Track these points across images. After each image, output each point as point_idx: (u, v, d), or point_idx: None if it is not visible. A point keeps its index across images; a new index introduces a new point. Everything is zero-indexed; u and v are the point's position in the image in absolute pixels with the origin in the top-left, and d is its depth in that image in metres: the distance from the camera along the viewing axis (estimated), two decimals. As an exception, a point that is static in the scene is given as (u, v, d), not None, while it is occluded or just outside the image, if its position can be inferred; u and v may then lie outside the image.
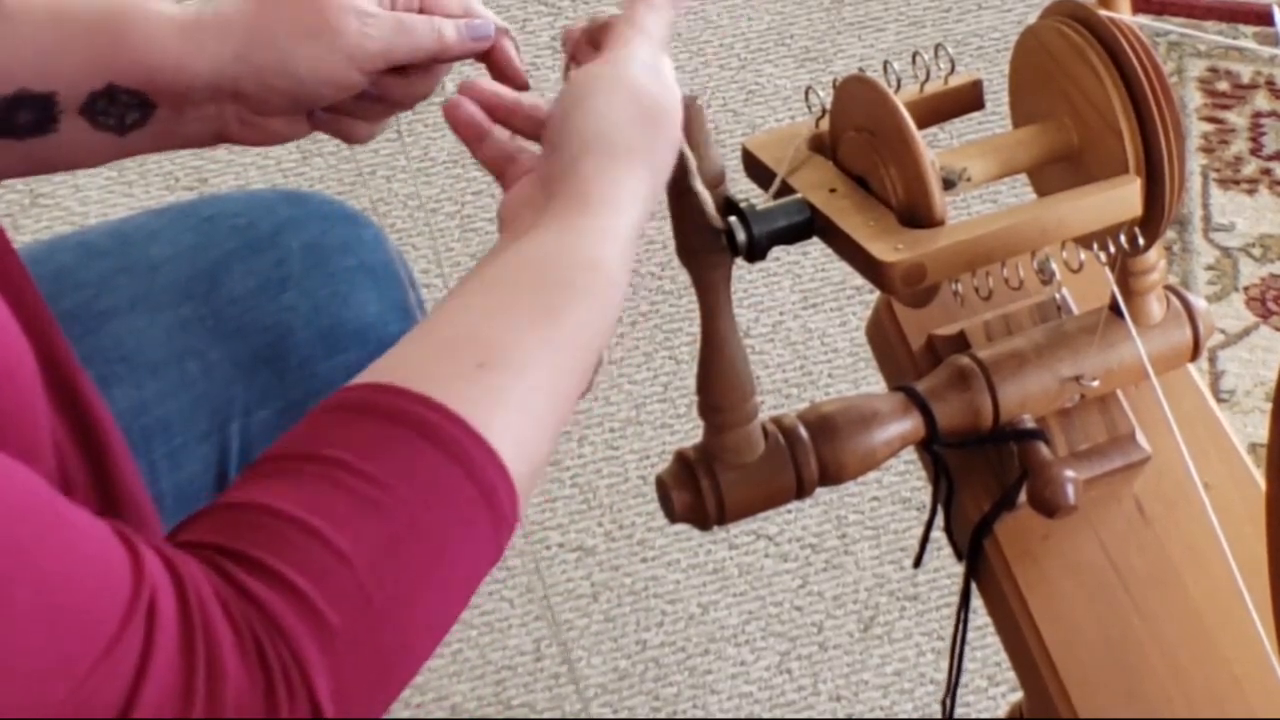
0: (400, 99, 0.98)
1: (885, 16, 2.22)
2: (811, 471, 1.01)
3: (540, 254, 0.83)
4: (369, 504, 0.71)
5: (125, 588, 0.67)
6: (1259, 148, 2.07)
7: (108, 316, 1.11)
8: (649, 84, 0.88)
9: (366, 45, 0.93)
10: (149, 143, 0.95)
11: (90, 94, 0.93)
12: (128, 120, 0.94)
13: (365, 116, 0.99)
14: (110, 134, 0.94)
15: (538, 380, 0.78)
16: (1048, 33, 0.99)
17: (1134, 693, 0.99)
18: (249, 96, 0.94)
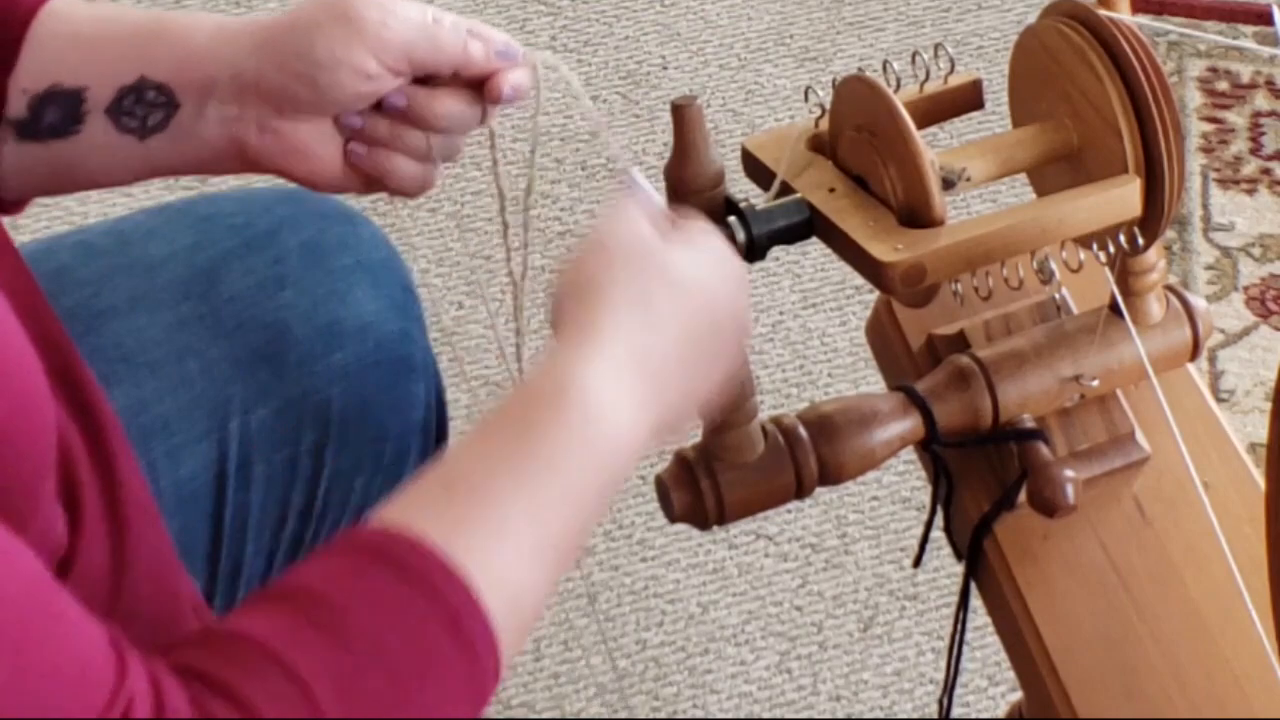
0: (434, 120, 0.94)
1: (885, 16, 2.22)
2: (811, 471, 1.01)
3: (522, 385, 0.84)
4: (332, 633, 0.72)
5: (103, 692, 0.68)
6: (1259, 147, 2.07)
7: (106, 315, 1.11)
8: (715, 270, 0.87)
9: (384, 35, 0.91)
10: (168, 149, 0.94)
11: (119, 89, 0.92)
12: (150, 122, 0.93)
13: (404, 149, 0.95)
14: (132, 137, 0.93)
15: (513, 508, 0.77)
16: (1047, 32, 0.99)
17: (1133, 692, 0.99)
18: (270, 88, 0.92)
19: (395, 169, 0.95)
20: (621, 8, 2.23)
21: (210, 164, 0.95)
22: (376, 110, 0.94)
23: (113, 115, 0.93)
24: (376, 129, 0.94)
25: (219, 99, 0.93)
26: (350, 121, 0.94)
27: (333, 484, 1.15)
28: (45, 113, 0.92)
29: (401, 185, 0.96)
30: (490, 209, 2.01)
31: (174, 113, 0.93)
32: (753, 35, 2.20)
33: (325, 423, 1.13)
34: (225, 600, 1.11)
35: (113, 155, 0.94)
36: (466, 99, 0.94)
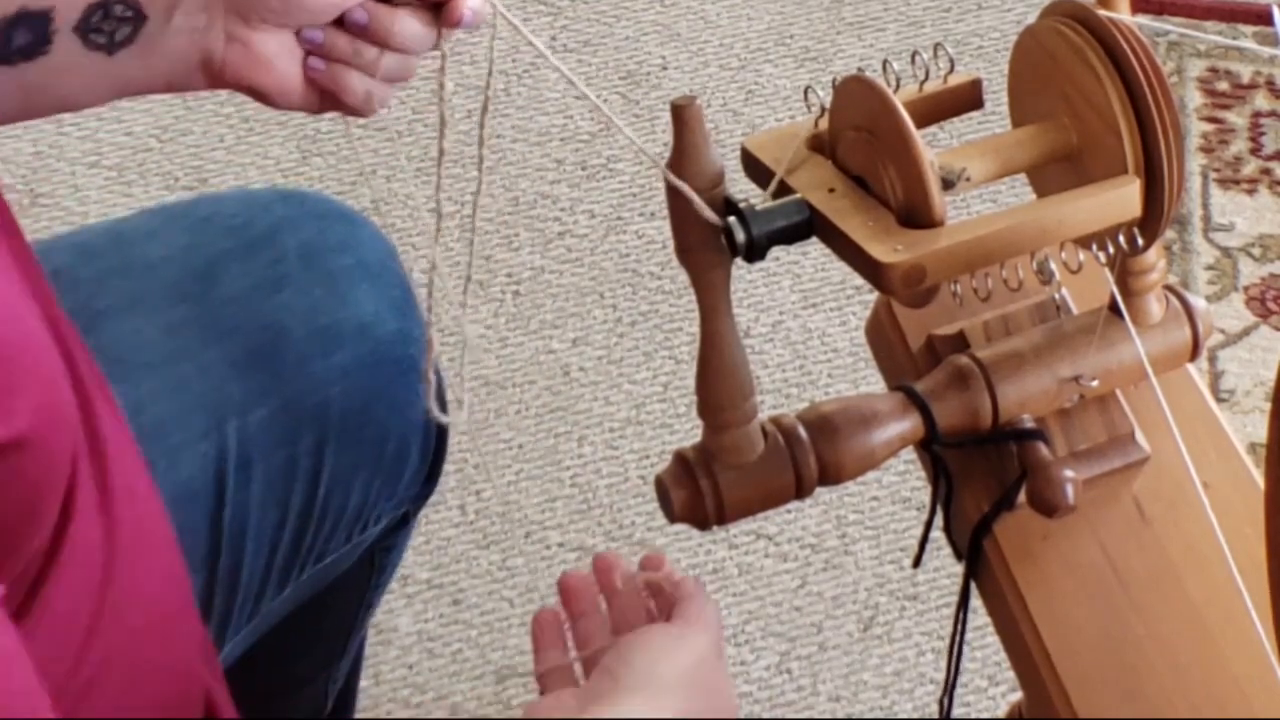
0: (392, 38, 0.96)
1: (885, 16, 2.22)
2: (811, 471, 1.01)
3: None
4: None
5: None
6: (1259, 148, 2.07)
7: (104, 317, 1.11)
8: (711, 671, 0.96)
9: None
10: (136, 64, 0.94)
11: (87, 6, 0.92)
12: (118, 37, 0.93)
13: (361, 66, 0.97)
14: (100, 54, 0.93)
15: None
16: (1047, 33, 0.99)
17: (1133, 692, 0.99)
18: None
19: (350, 85, 0.97)
20: (621, 8, 2.23)
21: (178, 78, 0.96)
22: (337, 26, 0.95)
23: (81, 33, 0.93)
24: (335, 44, 0.95)
25: (185, 9, 0.93)
26: (311, 36, 0.95)
27: (332, 484, 1.15)
28: (14, 35, 0.92)
29: (357, 101, 0.97)
30: (490, 209, 2.01)
31: (141, 25, 0.93)
32: (753, 35, 2.20)
33: (324, 423, 1.13)
34: (225, 601, 1.11)
35: (82, 74, 0.94)
36: (424, 20, 0.96)
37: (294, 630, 1.21)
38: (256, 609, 1.14)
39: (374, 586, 1.28)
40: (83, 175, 2.03)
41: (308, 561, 1.16)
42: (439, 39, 0.97)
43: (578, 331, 1.91)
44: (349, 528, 1.17)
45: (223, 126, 2.09)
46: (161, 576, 0.92)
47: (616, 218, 2.02)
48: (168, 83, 0.96)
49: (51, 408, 0.76)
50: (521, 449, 1.81)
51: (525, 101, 2.11)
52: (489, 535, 1.75)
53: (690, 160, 0.93)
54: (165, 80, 0.96)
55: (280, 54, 0.95)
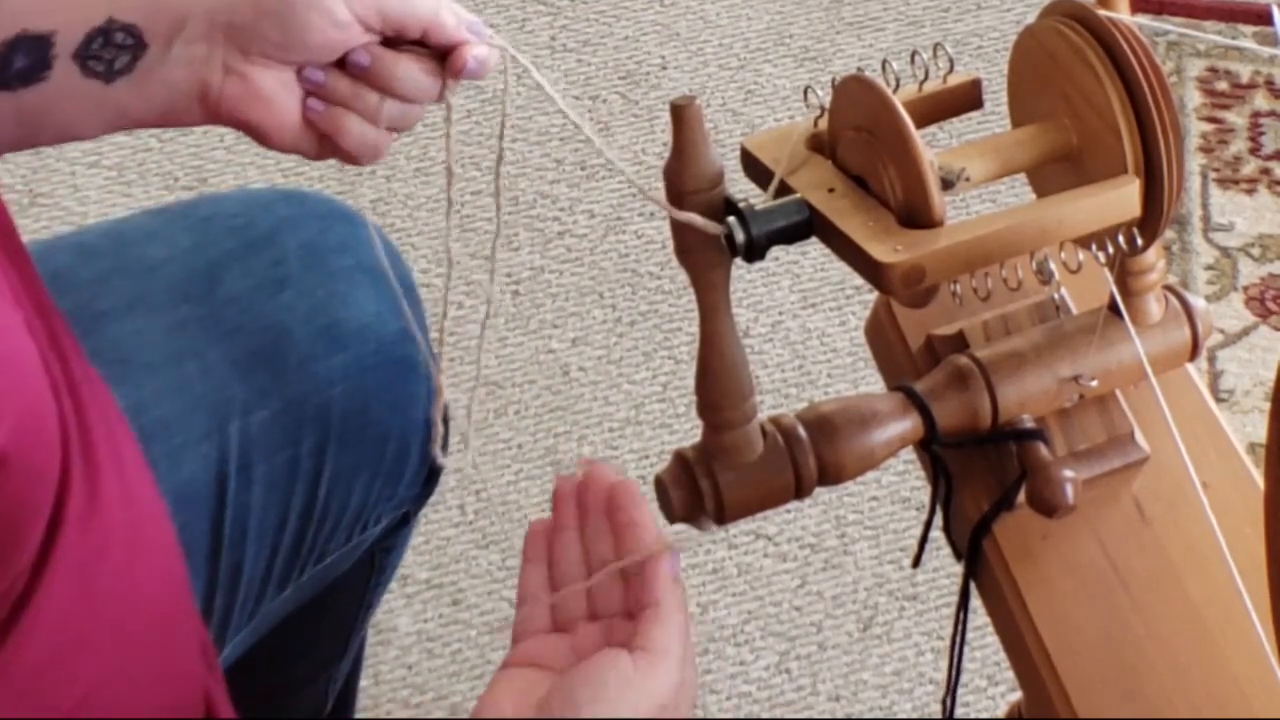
0: (394, 84, 0.95)
1: (884, 16, 2.22)
2: (810, 471, 1.01)
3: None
4: None
5: None
6: (1258, 147, 2.07)
7: (106, 317, 1.11)
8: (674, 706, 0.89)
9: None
10: (133, 94, 0.93)
11: (88, 32, 0.91)
12: (116, 65, 0.92)
13: (361, 110, 0.95)
14: (98, 82, 0.92)
15: None
16: (1046, 33, 0.99)
17: (1133, 692, 0.99)
18: (241, 27, 0.92)
19: (349, 129, 0.95)
20: (621, 8, 2.23)
21: (174, 110, 0.94)
22: (339, 68, 0.94)
23: (80, 59, 0.92)
24: (337, 86, 0.94)
25: (186, 39, 0.92)
26: (312, 75, 0.93)
27: (334, 484, 1.15)
28: (13, 59, 0.91)
29: (353, 147, 0.96)
30: (490, 209, 2.01)
31: (141, 54, 0.92)
32: (752, 35, 2.20)
33: (326, 423, 1.14)
34: (225, 601, 1.11)
35: (79, 103, 0.93)
36: (428, 67, 0.95)
37: (294, 630, 1.21)
38: (257, 609, 1.14)
39: (374, 586, 1.28)
40: (82, 175, 2.03)
41: (308, 562, 1.16)
42: (443, 90, 0.96)
43: (577, 331, 1.91)
44: (349, 528, 1.17)
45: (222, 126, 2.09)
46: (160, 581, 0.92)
47: (616, 218, 2.02)
48: (164, 114, 0.94)
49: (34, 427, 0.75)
50: (521, 449, 1.81)
51: (525, 101, 2.11)
52: (489, 535, 1.75)
53: (690, 160, 0.93)
54: (162, 111, 0.94)
55: (279, 91, 0.94)
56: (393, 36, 0.93)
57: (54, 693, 0.83)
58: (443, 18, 0.94)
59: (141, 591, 0.88)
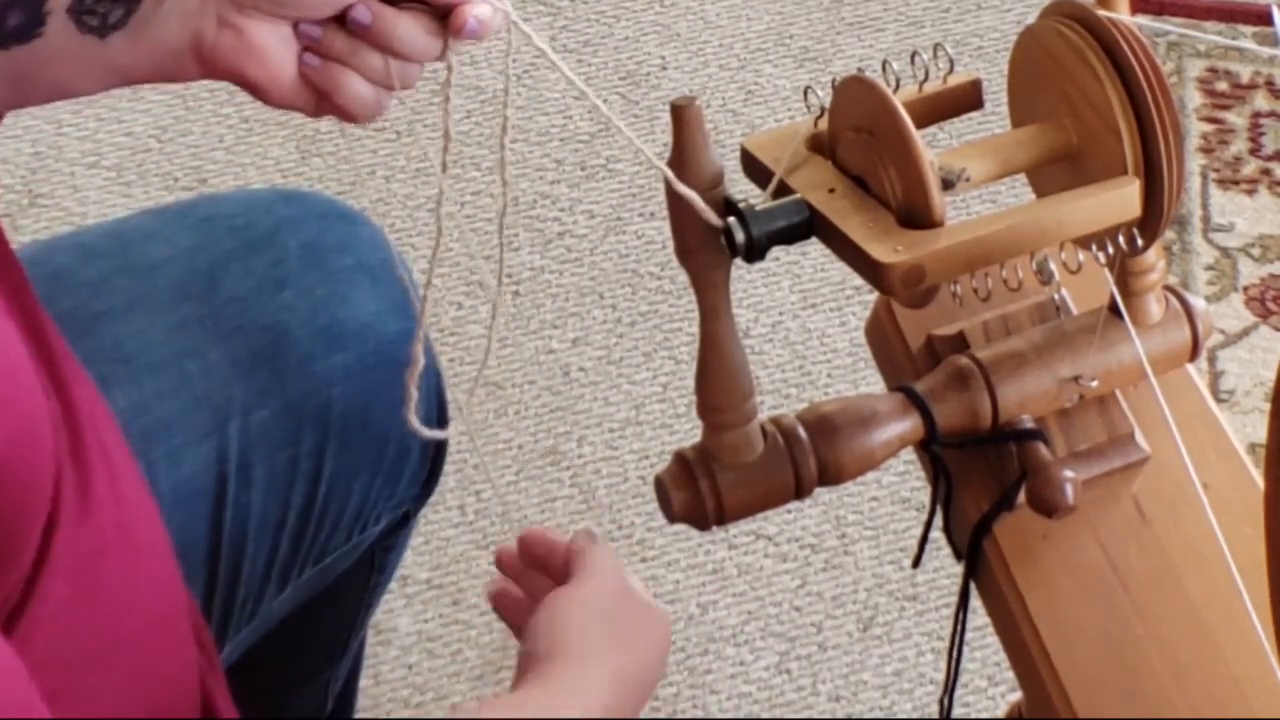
0: (394, 42, 0.92)
1: (884, 17, 2.22)
2: (810, 472, 1.01)
3: None
4: None
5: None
6: (1258, 148, 2.07)
7: (106, 317, 1.11)
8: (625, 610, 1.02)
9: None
10: (128, 49, 0.90)
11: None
12: (110, 19, 0.90)
13: (359, 68, 0.92)
14: (93, 37, 0.90)
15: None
16: (1047, 33, 0.99)
17: (1133, 693, 0.99)
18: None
19: (347, 86, 0.92)
20: (621, 8, 2.23)
21: (169, 65, 0.91)
22: (337, 23, 0.91)
23: (74, 14, 0.90)
24: (333, 43, 0.91)
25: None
26: (309, 30, 0.91)
27: (333, 485, 1.15)
28: (7, 16, 0.89)
29: (350, 105, 0.93)
30: (490, 210, 2.01)
31: (135, 7, 0.89)
32: (752, 35, 2.20)
33: (325, 423, 1.13)
34: (225, 601, 1.11)
35: (75, 60, 0.90)
36: (430, 26, 0.91)
37: (294, 630, 1.21)
38: (257, 609, 1.14)
39: (374, 586, 1.28)
40: (82, 176, 2.03)
41: (308, 562, 1.16)
42: (444, 49, 0.93)
43: (577, 332, 1.91)
44: (349, 528, 1.17)
45: (222, 127, 2.09)
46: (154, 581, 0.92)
47: (616, 218, 2.02)
48: (159, 68, 0.92)
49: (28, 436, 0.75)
50: (521, 449, 1.81)
51: (525, 102, 2.11)
52: (489, 535, 1.75)
53: (690, 160, 0.93)
54: (157, 66, 0.92)
55: (274, 45, 0.91)
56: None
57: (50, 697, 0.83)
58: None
59: (136, 593, 0.88)
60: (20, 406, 0.74)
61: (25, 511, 0.77)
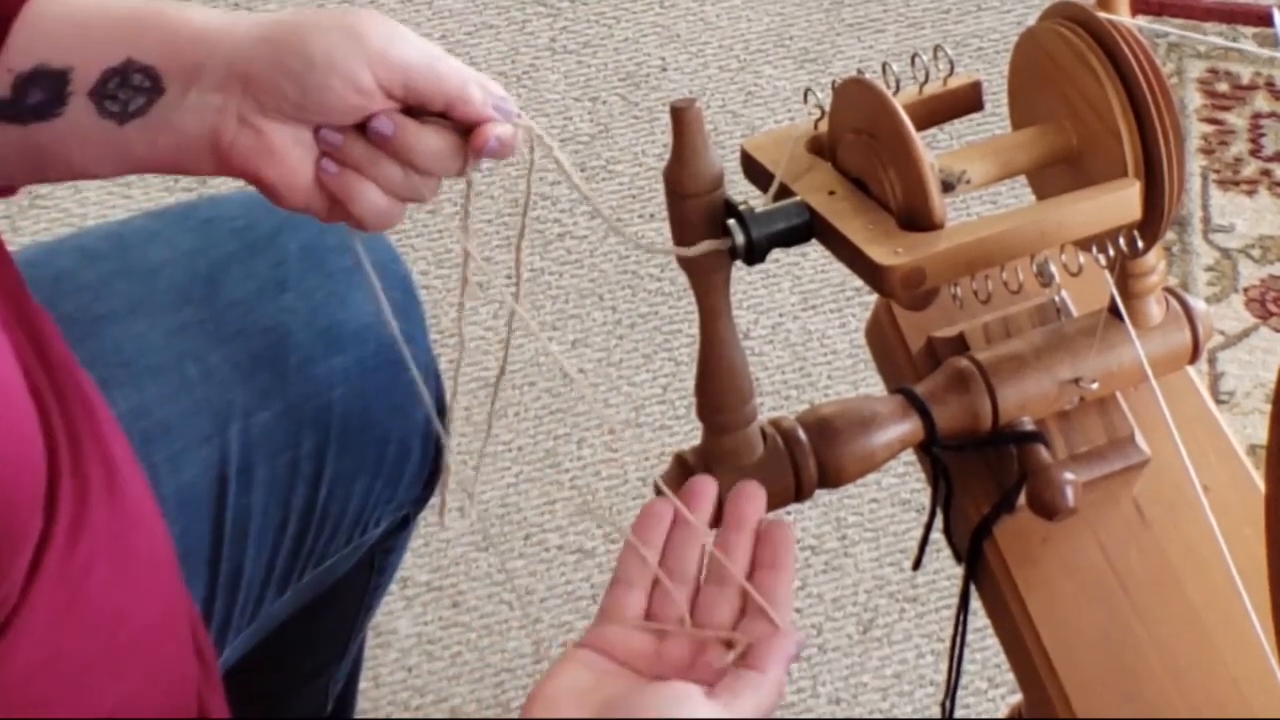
0: (415, 155, 0.91)
1: (884, 18, 2.22)
2: (810, 474, 1.01)
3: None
4: None
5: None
6: (1259, 149, 2.07)
7: (107, 320, 1.10)
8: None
9: (389, 52, 0.88)
10: (145, 138, 0.90)
11: (106, 71, 0.89)
12: (131, 107, 0.90)
13: (377, 178, 0.91)
14: (111, 123, 0.91)
15: None
16: (1047, 35, 0.99)
17: (1133, 694, 0.99)
18: (258, 80, 0.89)
19: (362, 195, 0.91)
20: (621, 9, 2.23)
21: (185, 158, 0.91)
22: (358, 131, 0.90)
23: (95, 98, 0.90)
24: (353, 150, 0.90)
25: (203, 87, 0.89)
26: (329, 137, 0.90)
27: (334, 487, 1.15)
28: (29, 93, 0.89)
29: (364, 215, 0.92)
30: (490, 210, 2.01)
31: (157, 98, 0.90)
32: (752, 37, 2.20)
33: (326, 426, 1.13)
34: (225, 604, 1.11)
35: (92, 142, 0.91)
36: (452, 142, 0.91)
37: (294, 633, 1.21)
38: (257, 612, 1.14)
39: (374, 589, 1.28)
40: (82, 177, 2.03)
41: (308, 564, 1.16)
42: (465, 165, 0.92)
43: (577, 333, 1.91)
44: (349, 530, 1.17)
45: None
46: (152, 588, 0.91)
47: (616, 219, 2.02)
48: (174, 160, 0.92)
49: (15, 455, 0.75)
50: (521, 451, 1.81)
51: (525, 103, 2.11)
52: (489, 537, 1.75)
53: (690, 162, 0.93)
54: (173, 157, 0.92)
55: (292, 149, 0.90)
56: (415, 106, 0.90)
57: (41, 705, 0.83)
58: (469, 93, 0.90)
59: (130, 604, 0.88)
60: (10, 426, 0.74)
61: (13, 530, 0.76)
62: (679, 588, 0.93)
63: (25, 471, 0.76)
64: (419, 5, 2.22)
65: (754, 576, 0.93)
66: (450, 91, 0.90)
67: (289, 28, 0.89)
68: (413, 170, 0.91)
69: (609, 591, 0.93)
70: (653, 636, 0.91)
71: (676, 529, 0.95)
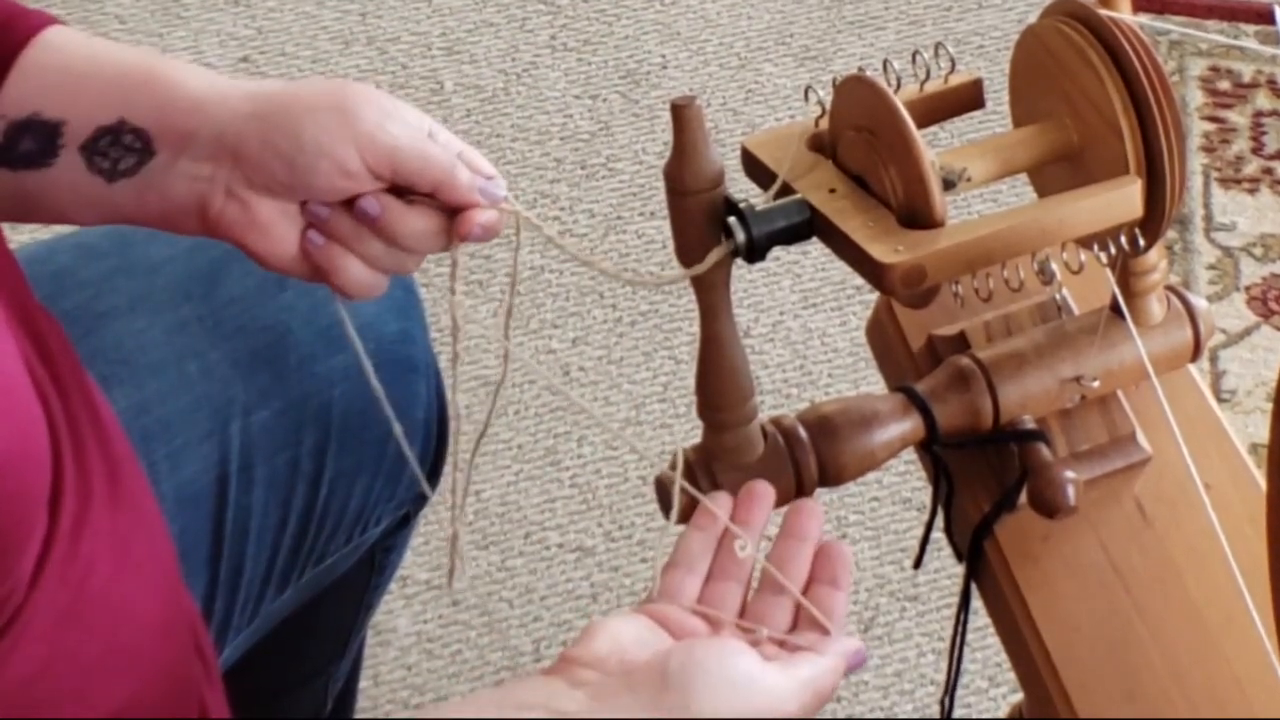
0: (400, 236, 0.92)
1: (885, 15, 2.22)
2: (811, 472, 1.01)
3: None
4: None
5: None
6: (1260, 147, 2.07)
7: (107, 317, 1.10)
8: None
9: (378, 136, 0.89)
10: (132, 197, 0.92)
11: (98, 129, 0.91)
12: (121, 166, 0.91)
13: (362, 254, 0.93)
14: (100, 179, 0.91)
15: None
16: (1048, 32, 0.99)
17: (1134, 693, 0.99)
18: (248, 157, 0.90)
19: (345, 269, 0.93)
20: (621, 7, 2.23)
21: (170, 219, 0.93)
22: (344, 207, 0.92)
23: (86, 153, 0.91)
24: (339, 225, 0.92)
25: (193, 155, 0.91)
26: (316, 211, 0.92)
27: (334, 485, 1.14)
28: (21, 141, 0.91)
29: (346, 286, 0.94)
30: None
31: (147, 160, 0.91)
32: (753, 34, 2.20)
33: (326, 424, 1.13)
34: (226, 602, 1.11)
35: (77, 194, 0.92)
36: (437, 223, 0.92)
37: (294, 631, 1.21)
38: (257, 610, 1.14)
39: (373, 587, 1.28)
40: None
41: (308, 563, 1.16)
42: (449, 244, 0.93)
43: (577, 331, 1.91)
44: (350, 529, 1.17)
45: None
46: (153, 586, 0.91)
47: (616, 217, 2.01)
48: (160, 219, 0.93)
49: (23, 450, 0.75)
50: (521, 449, 1.81)
51: (525, 100, 2.11)
52: (488, 536, 1.75)
53: (690, 160, 0.93)
54: (157, 217, 0.93)
55: (278, 222, 0.92)
56: (401, 187, 0.92)
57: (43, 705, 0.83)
58: (456, 178, 0.91)
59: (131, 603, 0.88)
60: (15, 422, 0.74)
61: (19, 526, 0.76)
62: (734, 586, 0.93)
63: (31, 467, 0.76)
64: (419, 3, 2.22)
65: (810, 591, 0.93)
66: (437, 176, 0.91)
67: (280, 105, 0.91)
68: (396, 249, 0.93)
69: (665, 573, 0.93)
70: (707, 624, 0.91)
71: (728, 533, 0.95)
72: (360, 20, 2.19)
